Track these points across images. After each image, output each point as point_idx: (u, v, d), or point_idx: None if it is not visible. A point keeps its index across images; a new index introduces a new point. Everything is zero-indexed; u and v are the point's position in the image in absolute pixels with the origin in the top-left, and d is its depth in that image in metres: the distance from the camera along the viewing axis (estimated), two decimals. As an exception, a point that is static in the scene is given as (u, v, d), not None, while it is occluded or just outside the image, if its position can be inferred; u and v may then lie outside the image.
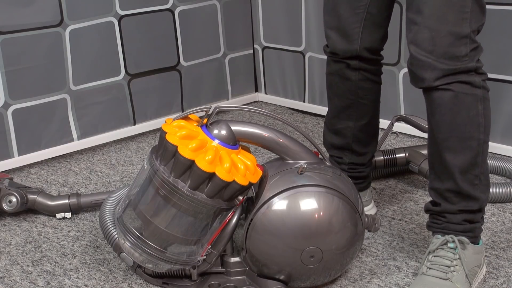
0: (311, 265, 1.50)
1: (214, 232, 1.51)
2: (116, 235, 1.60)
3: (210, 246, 1.52)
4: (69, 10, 2.31)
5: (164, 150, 1.44)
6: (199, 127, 1.49)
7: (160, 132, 1.48)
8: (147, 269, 1.58)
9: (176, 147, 1.42)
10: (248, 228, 1.50)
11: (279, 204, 1.48)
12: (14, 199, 1.91)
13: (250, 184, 1.46)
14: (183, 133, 1.44)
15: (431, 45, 1.42)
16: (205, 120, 1.52)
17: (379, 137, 2.01)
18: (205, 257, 1.53)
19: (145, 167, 1.50)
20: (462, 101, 1.45)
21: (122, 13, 2.46)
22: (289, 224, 1.47)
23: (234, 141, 1.49)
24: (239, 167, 1.45)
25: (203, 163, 1.41)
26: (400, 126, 2.39)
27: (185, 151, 1.41)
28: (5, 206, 1.92)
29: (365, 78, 1.73)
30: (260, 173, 1.51)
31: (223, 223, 1.51)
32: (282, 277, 1.53)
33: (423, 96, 1.50)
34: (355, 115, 1.77)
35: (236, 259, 1.58)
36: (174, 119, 1.51)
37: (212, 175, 1.42)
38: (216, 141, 1.47)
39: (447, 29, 1.41)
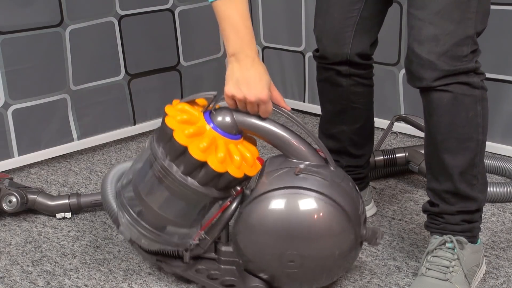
0: (290, 269, 1.47)
1: (209, 218, 1.50)
2: (116, 209, 1.60)
3: (204, 232, 1.52)
4: (69, 10, 2.31)
5: (162, 133, 1.43)
6: (202, 113, 1.47)
7: (163, 113, 1.46)
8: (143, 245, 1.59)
9: (173, 131, 1.40)
10: (236, 220, 1.49)
11: (266, 202, 1.45)
12: (14, 199, 1.91)
13: (246, 176, 1.44)
14: (184, 117, 1.42)
15: (434, 42, 1.40)
16: (210, 107, 1.49)
17: (379, 137, 2.01)
18: (197, 241, 1.53)
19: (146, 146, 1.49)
20: (461, 102, 1.44)
21: (122, 13, 2.46)
22: (271, 223, 1.45)
23: (236, 131, 1.46)
24: (235, 158, 1.42)
25: (196, 151, 1.38)
26: (400, 126, 2.40)
27: (180, 136, 1.39)
28: (5, 206, 1.92)
29: (356, 83, 1.72)
30: (259, 166, 1.48)
31: (219, 211, 1.50)
32: (265, 277, 1.51)
33: (420, 96, 1.50)
34: (349, 119, 1.76)
35: (229, 248, 1.57)
36: (180, 101, 1.49)
37: (204, 163, 1.40)
38: (215, 129, 1.44)
39: (452, 28, 1.40)
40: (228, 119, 1.46)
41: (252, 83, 1.42)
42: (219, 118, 1.45)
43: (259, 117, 1.48)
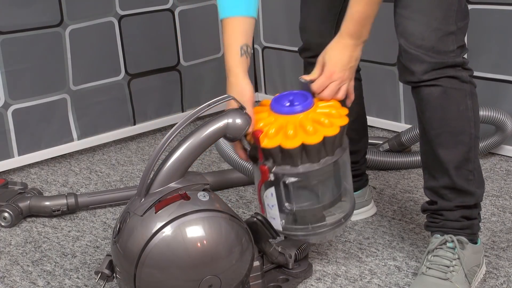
0: None
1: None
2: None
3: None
4: (69, 10, 2.31)
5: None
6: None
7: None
8: None
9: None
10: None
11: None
12: (7, 215, 1.91)
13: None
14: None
15: (420, 39, 1.44)
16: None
17: (377, 134, 2.00)
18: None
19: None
20: (451, 96, 1.47)
21: (122, 13, 2.46)
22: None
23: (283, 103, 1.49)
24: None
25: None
26: (399, 126, 2.39)
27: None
28: (2, 223, 1.93)
29: None
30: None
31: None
32: None
33: (412, 96, 1.52)
34: None
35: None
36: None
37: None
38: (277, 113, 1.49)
39: (435, 25, 1.44)
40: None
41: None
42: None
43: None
